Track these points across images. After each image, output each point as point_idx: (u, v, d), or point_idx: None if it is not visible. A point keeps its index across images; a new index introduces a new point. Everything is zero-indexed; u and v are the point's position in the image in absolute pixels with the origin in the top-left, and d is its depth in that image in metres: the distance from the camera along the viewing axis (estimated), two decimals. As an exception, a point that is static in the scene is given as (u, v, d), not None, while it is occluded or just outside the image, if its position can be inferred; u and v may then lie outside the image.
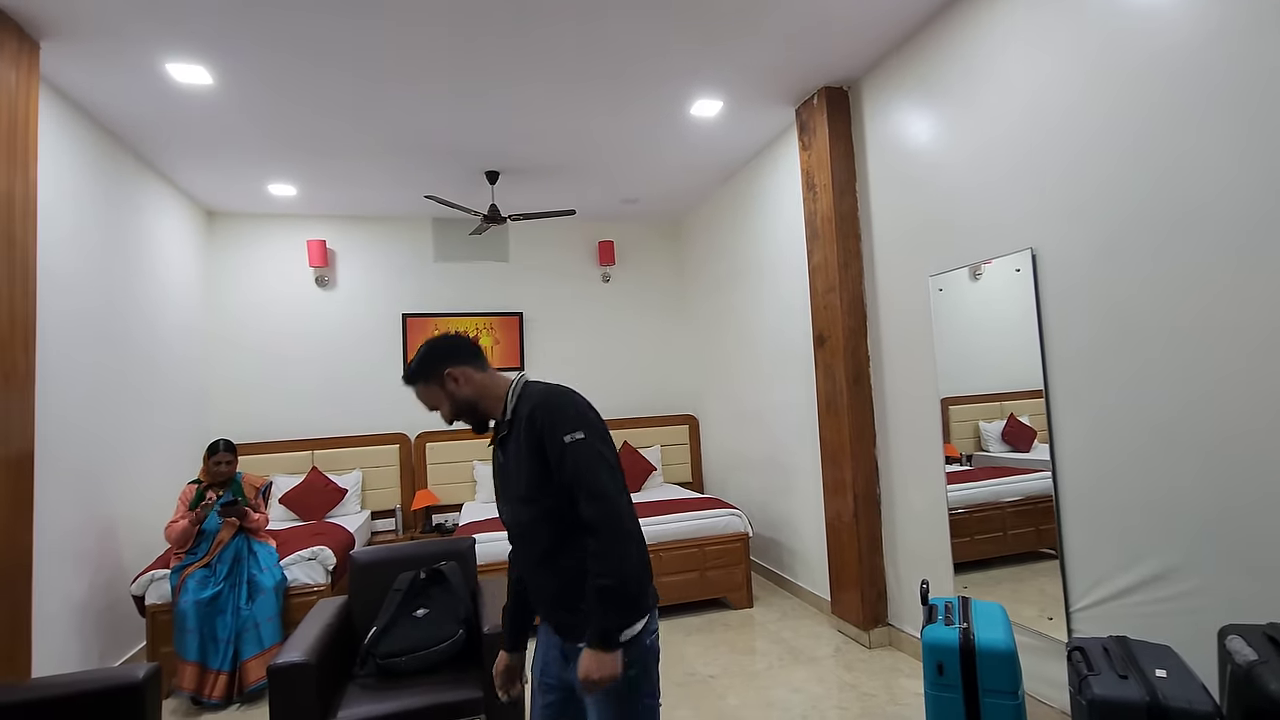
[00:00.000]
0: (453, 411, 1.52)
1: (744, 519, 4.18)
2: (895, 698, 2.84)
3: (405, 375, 1.56)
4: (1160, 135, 2.02)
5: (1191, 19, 1.92)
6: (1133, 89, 2.10)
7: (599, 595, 1.33)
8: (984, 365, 2.87)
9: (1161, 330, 2.04)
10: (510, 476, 1.48)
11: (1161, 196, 2.02)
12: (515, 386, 1.51)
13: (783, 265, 4.27)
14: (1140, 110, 2.08)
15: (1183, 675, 1.55)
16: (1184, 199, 1.96)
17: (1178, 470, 2.00)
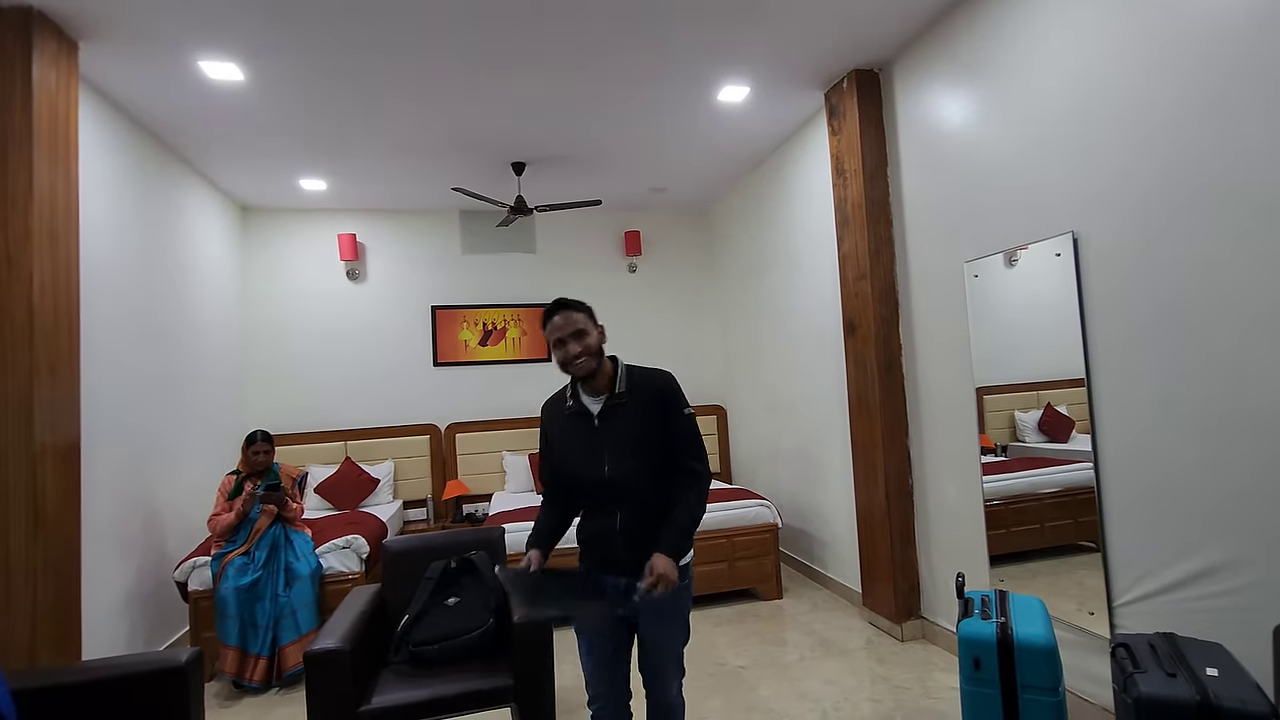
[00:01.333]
0: (587, 348, 1.77)
1: (773, 510, 4.14)
2: (929, 691, 2.79)
3: (567, 301, 1.80)
4: (1215, 117, 1.93)
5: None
6: (1188, 68, 2.00)
7: (683, 524, 1.75)
8: (1020, 354, 2.79)
9: (1213, 316, 1.95)
10: (618, 437, 1.77)
11: (1216, 178, 1.93)
12: (621, 367, 1.86)
13: (813, 253, 4.20)
14: (1182, 88, 1.98)
15: (1235, 674, 1.49)
16: (1241, 181, 1.86)
17: (1230, 462, 1.92)
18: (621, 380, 1.83)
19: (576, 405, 1.83)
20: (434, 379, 5.45)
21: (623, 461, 1.75)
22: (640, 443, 1.78)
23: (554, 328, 1.79)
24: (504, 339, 5.59)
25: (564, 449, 1.81)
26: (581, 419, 1.81)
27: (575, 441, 1.81)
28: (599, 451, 1.79)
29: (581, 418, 1.82)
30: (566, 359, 1.77)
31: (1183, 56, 1.99)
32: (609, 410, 1.81)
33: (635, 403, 1.81)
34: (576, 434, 1.81)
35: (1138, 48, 2.13)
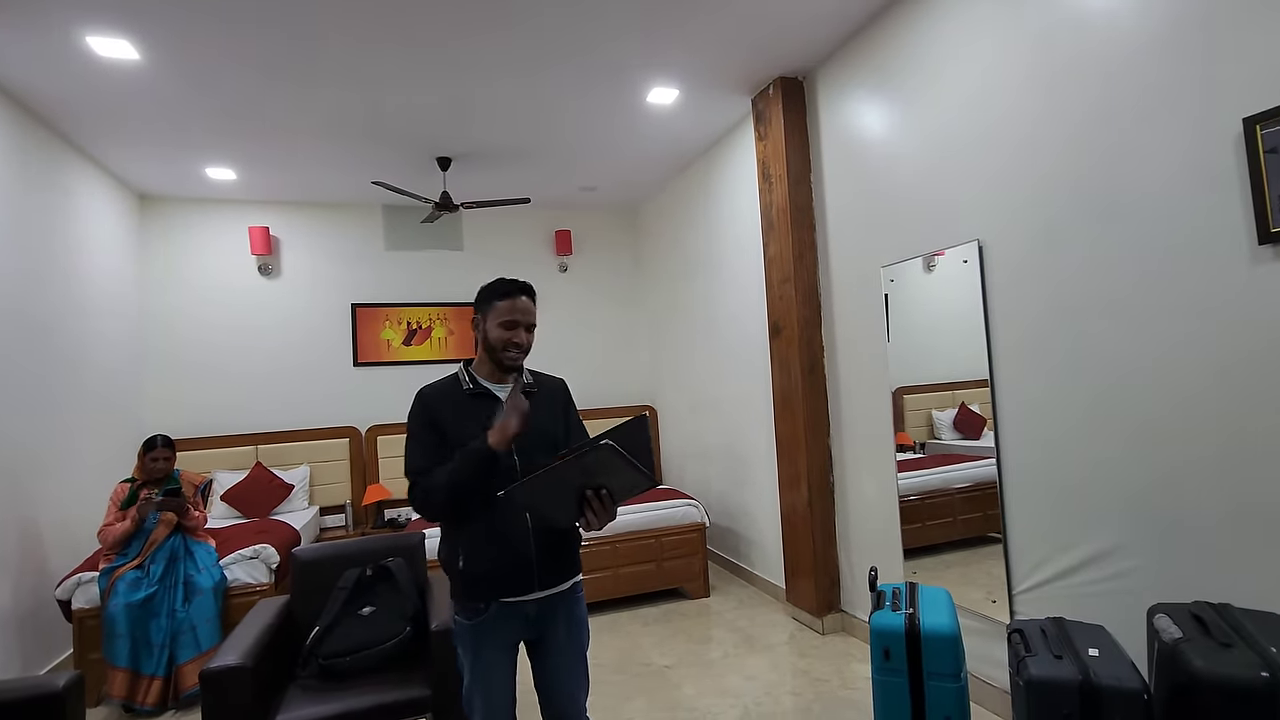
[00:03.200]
0: (530, 342, 1.76)
1: (701, 509, 4.19)
2: (847, 682, 2.88)
3: (528, 287, 1.76)
4: (1096, 129, 2.07)
5: (1128, 20, 1.96)
6: (1071, 84, 2.14)
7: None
8: (937, 355, 2.92)
9: (1097, 318, 2.09)
10: (532, 426, 1.66)
11: (1097, 188, 2.07)
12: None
13: (740, 255, 4.27)
14: (1078, 105, 2.12)
15: (1114, 654, 1.59)
16: (1117, 190, 2.01)
17: (1114, 455, 2.06)
18: (527, 374, 1.83)
19: (478, 387, 1.75)
20: (354, 380, 5.24)
21: (529, 448, 1.68)
22: (543, 432, 1.75)
23: (518, 309, 1.71)
24: (429, 339, 5.44)
25: (465, 430, 1.66)
26: (485, 400, 1.72)
27: (479, 423, 1.65)
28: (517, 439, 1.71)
29: (485, 399, 1.73)
30: (515, 344, 1.70)
31: (1080, 81, 2.13)
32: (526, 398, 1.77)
33: (542, 396, 1.81)
34: (480, 416, 1.67)
35: (1039, 70, 2.27)
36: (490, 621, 1.69)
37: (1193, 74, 1.81)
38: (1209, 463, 1.81)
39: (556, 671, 1.78)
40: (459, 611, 1.72)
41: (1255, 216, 1.67)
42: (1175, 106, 1.85)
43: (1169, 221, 1.88)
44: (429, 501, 1.67)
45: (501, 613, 1.69)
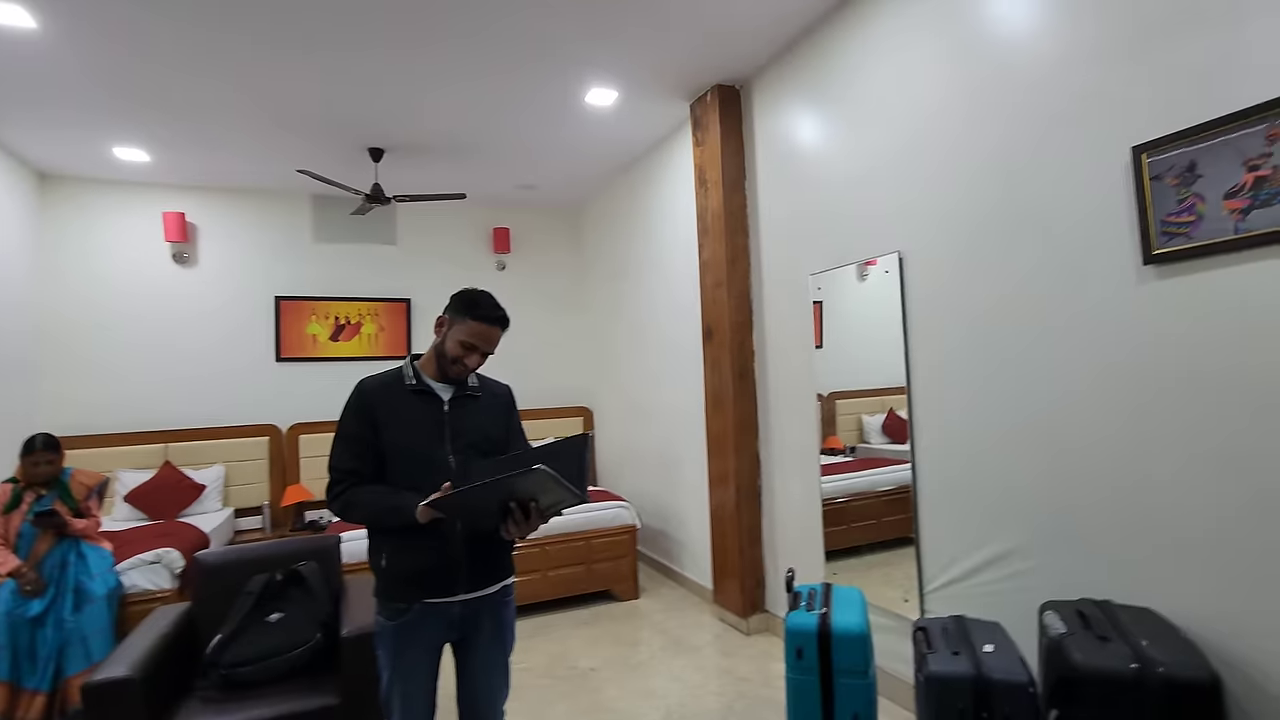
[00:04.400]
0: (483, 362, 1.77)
1: (632, 511, 4.19)
2: (768, 681, 2.93)
3: (507, 321, 1.76)
4: (1006, 149, 2.18)
5: (1040, 43, 2.07)
6: (984, 104, 2.25)
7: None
8: (869, 362, 3.00)
9: (1004, 331, 2.20)
10: (466, 425, 1.73)
11: (1007, 205, 2.18)
12: None
13: (676, 259, 4.31)
14: (992, 124, 2.23)
15: (1007, 650, 1.67)
16: (1025, 209, 2.12)
17: (1017, 461, 2.17)
18: (474, 378, 1.83)
19: (420, 384, 1.73)
20: (276, 376, 5.01)
21: (468, 450, 1.69)
22: (485, 436, 1.76)
23: (486, 337, 1.71)
24: (359, 334, 5.26)
25: (404, 426, 1.67)
26: (428, 398, 1.72)
27: (419, 421, 1.68)
28: (442, 435, 1.70)
29: (427, 397, 1.72)
30: (465, 364, 1.71)
31: (992, 102, 2.23)
32: (461, 399, 1.77)
33: (486, 401, 1.83)
34: (421, 413, 1.69)
35: (957, 89, 2.37)
36: (413, 622, 1.65)
37: (1092, 101, 1.92)
38: (1098, 468, 1.92)
39: (477, 674, 1.76)
40: (381, 611, 1.69)
41: (1141, 238, 1.79)
42: (1076, 131, 1.96)
43: (1070, 240, 1.99)
44: (347, 513, 1.67)
45: (425, 613, 1.66)
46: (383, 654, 1.68)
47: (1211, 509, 1.66)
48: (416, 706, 1.68)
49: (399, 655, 1.65)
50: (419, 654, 1.66)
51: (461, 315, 1.69)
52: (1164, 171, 1.73)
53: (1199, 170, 1.66)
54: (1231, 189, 1.61)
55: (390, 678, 1.66)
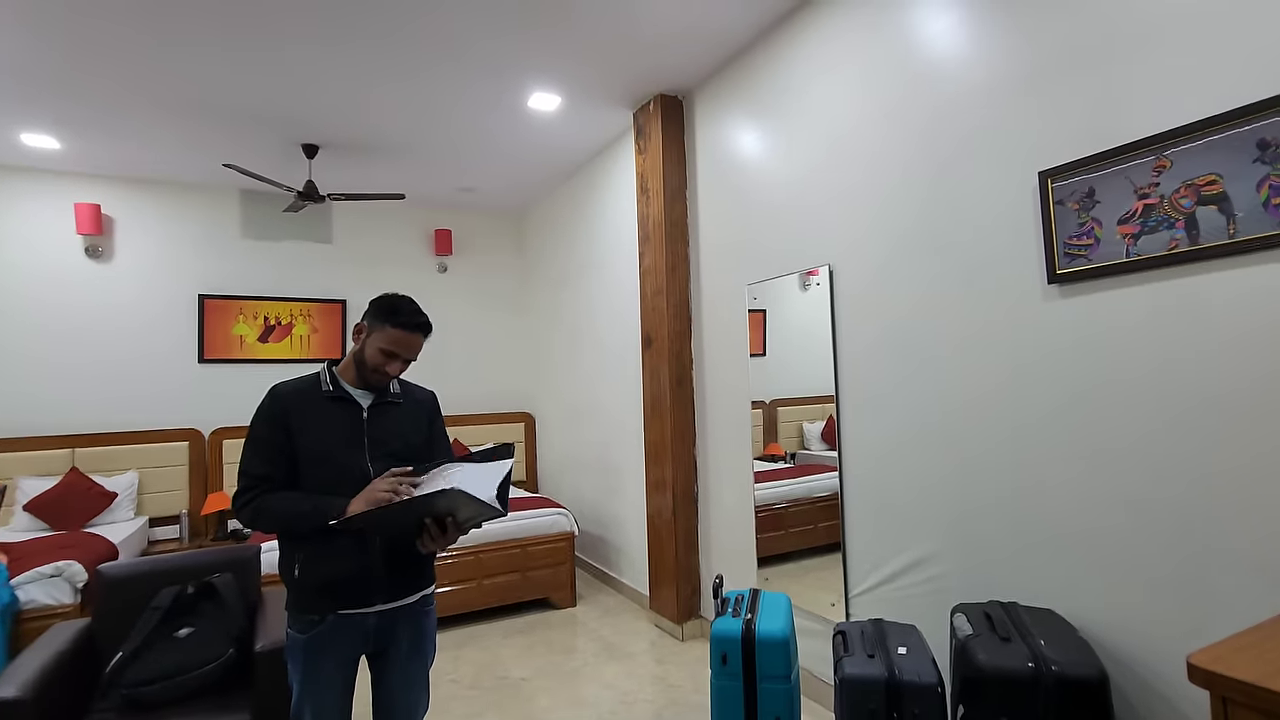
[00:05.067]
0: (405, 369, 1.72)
1: (570, 518, 4.17)
2: (699, 688, 2.95)
3: (428, 327, 1.70)
4: (924, 168, 2.27)
5: (957, 70, 2.17)
6: (906, 122, 2.34)
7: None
8: (810, 369, 3.06)
9: (926, 344, 2.28)
10: (386, 433, 1.70)
11: (929, 222, 2.27)
12: None
13: (618, 266, 4.32)
14: (911, 144, 2.32)
15: (919, 651, 1.73)
16: (945, 225, 2.21)
17: (934, 469, 2.25)
18: (395, 384, 1.79)
19: (338, 391, 1.68)
20: (198, 378, 4.78)
21: (387, 458, 1.65)
22: (406, 443, 1.72)
23: (406, 345, 1.66)
24: (289, 335, 5.07)
25: (321, 433, 1.62)
26: (346, 405, 1.68)
27: (337, 428, 1.64)
28: (361, 443, 1.66)
29: (346, 404, 1.68)
30: (386, 372, 1.67)
31: (910, 124, 2.33)
32: (381, 406, 1.73)
33: (408, 407, 1.80)
34: (339, 421, 1.65)
35: (875, 111, 2.46)
36: (326, 634, 1.60)
37: (1005, 127, 2.02)
38: (1005, 476, 2.02)
39: (395, 688, 1.72)
40: (292, 624, 1.64)
41: (1046, 258, 1.90)
42: (991, 154, 2.07)
43: (982, 257, 2.09)
44: (257, 520, 1.60)
45: (339, 625, 1.61)
46: (293, 668, 1.62)
47: (1105, 516, 1.76)
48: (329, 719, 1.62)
49: (311, 669, 1.59)
50: (332, 667, 1.60)
51: (381, 322, 1.65)
52: (1067, 196, 1.84)
53: (1097, 196, 1.77)
54: (1124, 215, 1.72)
55: (301, 692, 1.60)
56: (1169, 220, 1.63)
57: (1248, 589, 1.49)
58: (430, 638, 1.77)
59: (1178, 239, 1.61)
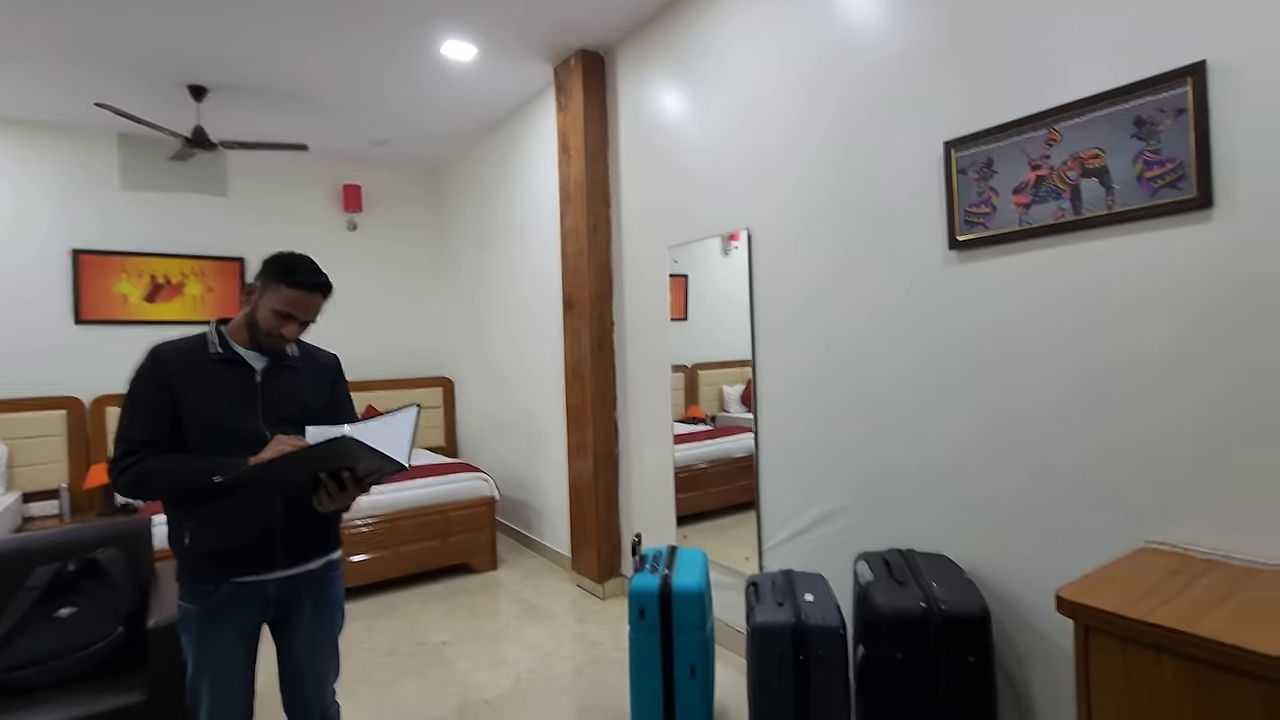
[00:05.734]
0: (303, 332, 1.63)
1: (490, 483, 4.13)
2: (619, 644, 3.02)
3: (328, 287, 1.60)
4: (839, 135, 2.32)
5: (869, 39, 2.21)
6: (823, 89, 2.37)
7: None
8: (730, 334, 3.11)
9: (838, 308, 2.36)
10: (282, 398, 1.60)
11: (842, 188, 2.33)
12: None
13: (539, 227, 4.22)
14: (825, 111, 2.36)
15: (825, 598, 1.83)
16: (857, 192, 2.27)
17: (842, 428, 2.35)
18: (293, 346, 1.68)
19: (228, 353, 1.57)
20: (75, 341, 4.37)
21: (282, 423, 1.56)
22: (304, 408, 1.63)
23: (304, 305, 1.56)
24: (180, 295, 4.70)
25: (210, 398, 1.52)
26: (237, 369, 1.57)
27: (227, 393, 1.54)
28: (254, 407, 1.56)
29: (237, 367, 1.57)
30: (283, 335, 1.57)
31: (827, 92, 2.36)
32: (277, 369, 1.63)
33: (307, 371, 1.71)
34: (229, 384, 1.55)
35: (793, 79, 2.48)
36: (221, 604, 1.52)
37: (913, 97, 2.09)
38: (906, 433, 2.13)
39: (302, 656, 1.66)
40: (183, 595, 1.54)
41: (948, 225, 1.99)
42: (899, 123, 2.13)
43: (891, 224, 2.17)
44: (139, 487, 1.48)
45: (236, 593, 1.53)
46: (187, 640, 1.54)
47: (989, 470, 1.90)
48: (229, 695, 1.55)
49: (206, 640, 1.51)
50: (230, 638, 1.53)
51: (275, 282, 1.54)
52: (968, 166, 1.93)
53: (995, 167, 1.87)
54: (1019, 185, 1.82)
55: (197, 665, 1.53)
56: (1057, 191, 1.74)
57: (1114, 534, 1.65)
58: (338, 604, 1.72)
59: (1064, 209, 1.72)
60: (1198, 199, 1.49)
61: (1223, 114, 1.46)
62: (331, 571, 1.69)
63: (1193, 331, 1.52)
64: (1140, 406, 1.61)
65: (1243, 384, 1.45)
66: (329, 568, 1.68)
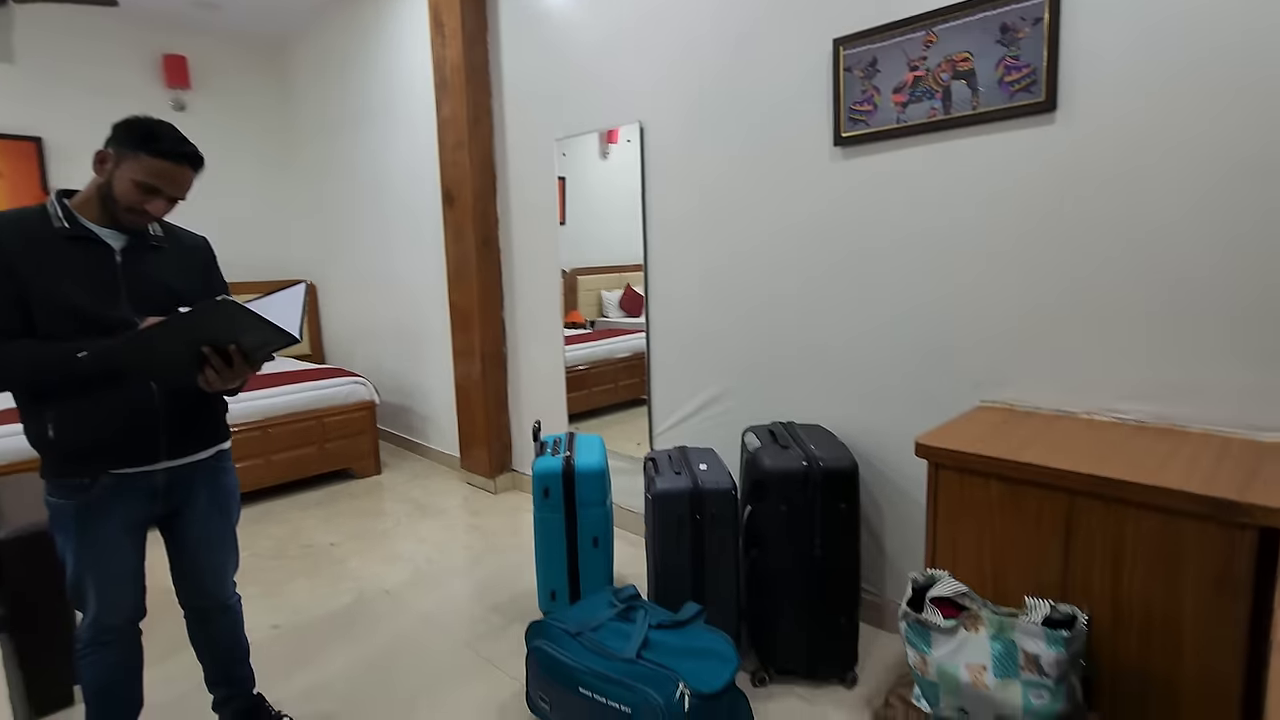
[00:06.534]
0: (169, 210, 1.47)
1: (369, 387, 3.98)
2: (516, 530, 3.14)
3: (199, 159, 1.47)
4: (733, 26, 2.33)
5: (766, -76, 2.20)
6: (722, -20, 2.36)
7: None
8: (609, 239, 3.14)
9: (728, 203, 2.45)
10: (150, 281, 1.47)
11: (734, 83, 2.36)
12: None
13: (411, 114, 3.92)
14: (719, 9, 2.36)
15: (717, 467, 2.01)
16: (749, 87, 2.32)
17: (733, 319, 2.50)
18: (155, 225, 1.52)
19: (77, 229, 1.38)
20: None
21: (154, 313, 1.41)
22: (176, 297, 1.47)
23: (171, 179, 1.40)
24: (-38, 179, 3.92)
25: (62, 280, 1.34)
26: (91, 246, 1.40)
27: (83, 275, 1.37)
28: (117, 292, 1.41)
29: (91, 245, 1.39)
30: (144, 211, 1.40)
31: (722, -25, 2.34)
32: (139, 250, 1.46)
33: (174, 252, 1.55)
34: (83, 265, 1.38)
35: (692, -42, 2.43)
36: (102, 496, 1.41)
37: (805, -8, 2.13)
38: (787, 317, 2.32)
39: (199, 548, 1.59)
40: (53, 491, 1.41)
41: (834, 122, 2.11)
42: (792, 19, 2.18)
43: (781, 120, 2.25)
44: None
45: (117, 486, 1.42)
46: (64, 539, 1.41)
47: (857, 348, 2.14)
48: (116, 590, 1.46)
49: (87, 536, 1.40)
50: (114, 531, 1.43)
51: (133, 149, 1.35)
52: (854, 64, 2.03)
53: (878, 66, 1.98)
54: (898, 85, 1.95)
55: (78, 563, 1.42)
56: (931, 91, 1.89)
57: (957, 397, 1.94)
58: (233, 495, 1.65)
59: (936, 109, 1.89)
60: (1045, 103, 1.70)
61: (1071, 26, 1.65)
62: (223, 461, 1.61)
63: (1036, 224, 1.76)
64: (983, 290, 1.87)
65: (1065, 271, 1.73)
66: (220, 457, 1.60)
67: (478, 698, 1.92)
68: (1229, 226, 1.49)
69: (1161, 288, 1.59)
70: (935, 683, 1.27)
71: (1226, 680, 1.20)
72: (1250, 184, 1.46)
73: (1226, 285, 1.51)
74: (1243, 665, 1.18)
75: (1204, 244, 1.53)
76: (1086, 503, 1.31)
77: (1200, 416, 1.56)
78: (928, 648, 1.28)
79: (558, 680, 1.63)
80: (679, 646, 1.61)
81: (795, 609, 1.84)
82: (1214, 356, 1.54)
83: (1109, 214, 1.65)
